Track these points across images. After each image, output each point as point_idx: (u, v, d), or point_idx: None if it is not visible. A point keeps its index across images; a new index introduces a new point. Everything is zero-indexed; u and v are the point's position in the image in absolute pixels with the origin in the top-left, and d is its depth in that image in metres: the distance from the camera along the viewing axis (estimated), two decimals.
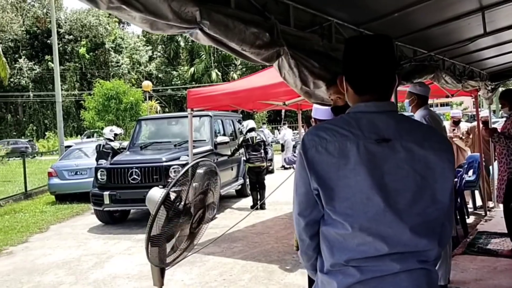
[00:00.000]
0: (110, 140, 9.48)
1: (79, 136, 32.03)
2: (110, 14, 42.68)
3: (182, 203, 2.68)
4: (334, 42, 3.00)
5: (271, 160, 14.41)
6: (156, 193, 2.51)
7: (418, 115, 3.73)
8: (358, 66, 1.47)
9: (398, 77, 1.55)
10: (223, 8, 1.98)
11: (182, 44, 43.44)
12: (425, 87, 3.94)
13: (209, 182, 2.50)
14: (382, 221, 1.35)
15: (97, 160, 9.22)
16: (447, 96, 7.11)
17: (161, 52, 46.19)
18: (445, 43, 4.51)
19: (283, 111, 31.13)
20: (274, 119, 35.37)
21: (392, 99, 1.74)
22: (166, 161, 7.79)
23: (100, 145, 9.50)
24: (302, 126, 7.54)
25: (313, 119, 3.21)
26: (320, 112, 2.86)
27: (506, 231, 5.06)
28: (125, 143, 9.81)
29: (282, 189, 5.73)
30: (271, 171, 14.34)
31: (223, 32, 1.94)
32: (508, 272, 4.39)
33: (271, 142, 16.69)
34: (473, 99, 7.92)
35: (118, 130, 10.29)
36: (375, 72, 1.46)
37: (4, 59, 16.11)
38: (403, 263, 1.35)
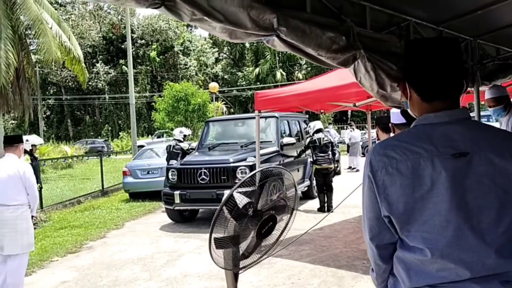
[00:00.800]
0: (180, 141, 9.77)
1: (150, 136, 33.50)
2: None
3: (251, 208, 2.70)
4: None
5: (337, 161, 14.16)
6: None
7: (507, 120, 3.46)
8: (426, 70, 1.34)
9: (466, 83, 1.42)
10: (299, 14, 1.96)
11: (247, 45, 43.98)
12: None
13: (282, 190, 2.49)
14: (464, 245, 1.24)
15: (167, 160, 9.54)
16: None
17: (227, 53, 47.14)
18: None
19: (349, 111, 30.55)
20: (340, 119, 34.79)
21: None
22: (233, 162, 7.90)
23: (170, 146, 9.83)
24: (374, 128, 7.32)
25: (390, 125, 3.09)
26: (396, 116, 2.75)
27: None
28: (194, 144, 10.09)
29: (350, 191, 5.59)
30: (338, 173, 14.10)
31: (299, 37, 1.91)
32: None
33: (338, 142, 16.30)
34: None
35: (187, 131, 10.62)
36: (445, 76, 1.34)
37: (83, 64, 17.21)
38: (484, 285, 1.24)
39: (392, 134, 5.16)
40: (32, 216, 4.76)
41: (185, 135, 10.03)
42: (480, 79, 3.72)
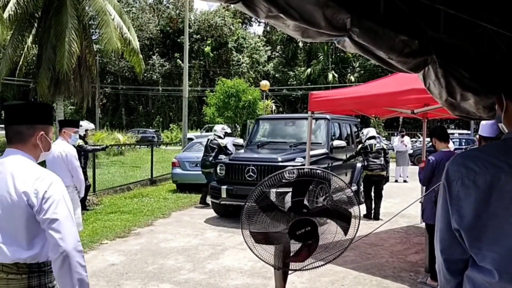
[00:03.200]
0: (219, 137, 9.66)
1: (199, 129, 34.13)
2: (234, 15, 44.52)
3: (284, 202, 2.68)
4: (486, 50, 2.72)
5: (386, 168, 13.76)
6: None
7: None
8: None
9: None
10: (373, 15, 1.91)
11: (300, 45, 43.81)
12: None
13: (329, 194, 2.46)
14: None
15: (204, 153, 9.60)
16: None
17: (280, 52, 47.13)
18: None
19: (401, 117, 29.67)
20: (390, 125, 33.88)
21: None
22: (281, 161, 7.88)
23: (208, 139, 9.82)
24: (430, 138, 7.07)
25: (477, 137, 2.93)
26: (486, 128, 2.62)
27: None
28: (239, 140, 10.07)
29: (397, 200, 5.42)
30: (387, 179, 13.69)
31: (372, 39, 1.86)
32: None
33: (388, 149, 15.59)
34: None
35: (229, 130, 10.64)
36: None
37: (141, 56, 17.77)
38: None
39: (451, 144, 4.97)
40: (82, 198, 4.98)
41: (226, 132, 9.96)
42: None
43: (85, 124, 9.06)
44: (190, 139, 17.00)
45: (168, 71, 43.89)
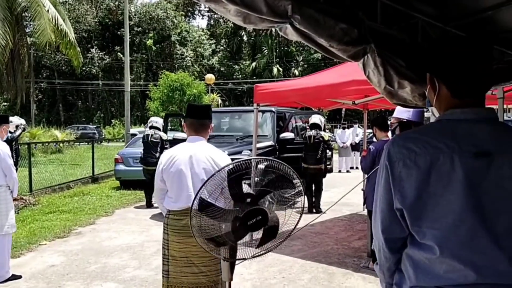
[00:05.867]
0: (159, 129, 8.92)
1: (142, 125, 33.31)
2: (177, 7, 43.63)
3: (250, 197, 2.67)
4: (420, 40, 2.83)
5: (330, 159, 14.07)
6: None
7: None
8: (461, 66, 1.32)
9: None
10: (313, 2, 1.92)
11: (245, 38, 43.88)
12: None
13: (279, 185, 2.47)
14: (475, 247, 1.21)
15: (144, 151, 8.78)
16: None
17: (224, 46, 46.90)
18: None
19: (343, 110, 30.59)
20: (334, 117, 34.85)
21: None
22: (228, 155, 7.83)
23: (147, 135, 8.82)
24: (371, 128, 7.30)
25: (392, 119, 3.08)
26: (407, 113, 2.75)
27: None
28: (181, 134, 9.74)
29: (341, 190, 5.59)
30: (330, 171, 14.02)
31: (313, 27, 1.87)
32: None
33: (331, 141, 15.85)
34: None
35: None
36: (477, 74, 1.32)
37: (78, 48, 17.00)
38: None
39: (389, 133, 5.19)
40: (15, 198, 4.69)
41: (162, 125, 9.22)
42: None
43: (15, 120, 8.50)
44: (134, 135, 16.53)
45: (108, 64, 42.38)
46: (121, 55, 36.41)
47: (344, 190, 9.85)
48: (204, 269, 2.88)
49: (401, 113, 4.11)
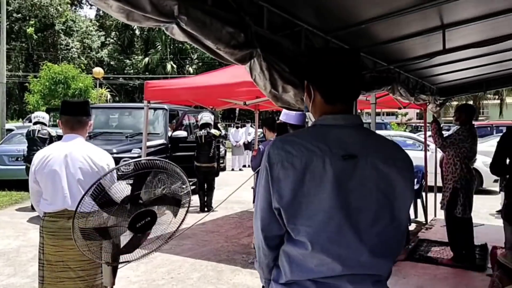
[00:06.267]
0: (45, 124, 8.23)
1: (20, 119, 30.35)
2: None
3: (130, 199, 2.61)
4: (303, 47, 3.02)
5: (223, 157, 14.24)
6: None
7: None
8: (332, 75, 1.44)
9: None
10: (201, 4, 1.94)
11: (137, 32, 42.31)
12: None
13: (172, 184, 2.44)
14: (342, 242, 1.34)
15: (29, 148, 8.04)
16: (399, 108, 7.39)
17: (115, 39, 44.71)
18: (404, 57, 4.68)
19: (237, 109, 31.12)
20: (228, 116, 35.30)
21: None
22: (116, 153, 7.54)
23: (33, 131, 8.11)
24: (261, 128, 7.53)
25: (278, 121, 3.25)
26: (289, 116, 2.90)
27: (445, 240, 5.34)
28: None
29: (233, 188, 5.71)
30: (223, 169, 14.20)
31: (200, 28, 1.89)
32: (447, 281, 4.63)
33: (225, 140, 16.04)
34: (422, 111, 8.29)
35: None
36: (348, 81, 1.46)
37: None
38: (357, 285, 1.35)
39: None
40: None
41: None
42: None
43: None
44: (10, 130, 15.00)
45: None
46: None
47: (235, 188, 10.09)
48: (82, 273, 2.74)
49: (286, 115, 4.31)
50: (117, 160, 7.33)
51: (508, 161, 3.62)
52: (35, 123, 8.22)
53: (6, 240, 6.11)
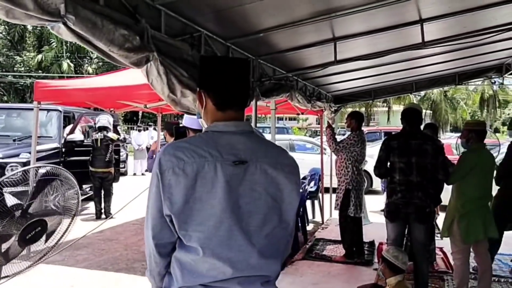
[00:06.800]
0: None
1: None
2: None
3: (20, 209, 2.43)
4: (203, 53, 3.04)
5: (124, 162, 13.68)
6: None
7: None
8: (223, 83, 1.48)
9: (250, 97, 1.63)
10: (91, 4, 1.85)
11: (29, 27, 39.07)
12: None
13: (60, 192, 2.31)
14: (232, 245, 1.36)
15: None
16: (298, 114, 7.75)
17: (3, 33, 40.83)
18: (301, 66, 4.94)
19: (140, 112, 30.20)
20: (130, 119, 34.07)
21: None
22: (2, 158, 6.91)
23: None
24: (162, 131, 7.39)
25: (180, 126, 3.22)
26: (191, 121, 2.90)
27: (339, 239, 5.70)
28: None
29: (133, 194, 5.54)
30: (124, 174, 13.63)
31: (90, 29, 1.80)
32: (340, 277, 4.94)
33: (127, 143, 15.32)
34: (319, 117, 8.80)
35: None
36: (237, 89, 1.50)
37: None
38: (247, 286, 1.39)
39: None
40: None
41: None
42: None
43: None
44: None
45: None
46: None
47: (137, 193, 9.76)
48: None
49: (188, 119, 4.28)
50: (2, 166, 6.78)
51: (388, 164, 3.97)
52: None
53: None
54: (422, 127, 4.17)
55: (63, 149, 8.12)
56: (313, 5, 3.29)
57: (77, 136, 8.46)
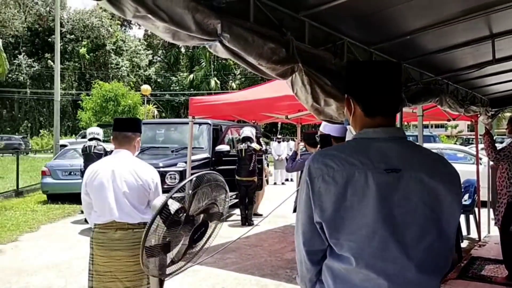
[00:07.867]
0: (100, 140, 8.43)
1: (73, 135, 31.85)
2: (113, 16, 42.48)
3: (183, 213, 2.65)
4: (345, 61, 3.01)
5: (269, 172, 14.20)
6: (158, 202, 2.48)
7: None
8: (373, 88, 1.43)
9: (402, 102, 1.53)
10: (243, 22, 1.98)
11: (183, 50, 43.58)
12: None
13: (216, 196, 2.47)
14: (387, 257, 1.30)
15: (85, 163, 8.04)
16: (448, 120, 7.15)
17: (161, 57, 46.29)
18: (452, 68, 4.55)
19: (279, 123, 31.18)
20: (270, 130, 35.41)
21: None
22: (162, 167, 7.74)
23: (89, 146, 8.22)
24: (300, 142, 7.51)
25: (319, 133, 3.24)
26: (330, 128, 2.90)
27: (500, 258, 5.06)
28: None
29: (277, 201, 5.70)
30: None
31: (242, 46, 1.93)
32: None
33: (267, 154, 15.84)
34: (472, 123, 7.98)
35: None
36: (388, 95, 1.44)
37: (4, 54, 16.03)
38: None
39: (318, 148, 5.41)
40: None
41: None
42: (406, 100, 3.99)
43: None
44: (64, 146, 15.76)
45: (37, 72, 40.22)
46: (52, 63, 34.72)
47: (278, 202, 10.05)
48: (129, 284, 2.81)
49: (328, 126, 4.25)
50: (163, 174, 7.61)
51: None
52: (90, 139, 8.50)
53: (59, 252, 6.38)
54: None
55: (213, 159, 8.79)
56: (466, 2, 3.02)
57: (224, 147, 9.08)
